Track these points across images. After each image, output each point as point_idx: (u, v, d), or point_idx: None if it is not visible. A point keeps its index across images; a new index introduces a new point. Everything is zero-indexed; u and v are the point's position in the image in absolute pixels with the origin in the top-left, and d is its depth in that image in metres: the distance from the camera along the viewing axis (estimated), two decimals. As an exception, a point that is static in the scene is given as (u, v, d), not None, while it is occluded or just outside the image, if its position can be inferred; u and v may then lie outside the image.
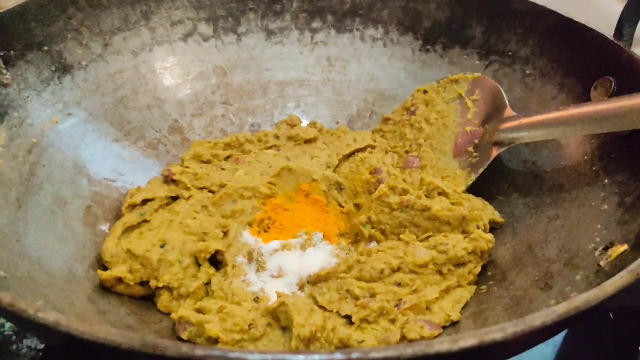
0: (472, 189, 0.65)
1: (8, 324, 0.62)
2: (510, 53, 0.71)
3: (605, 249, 0.49)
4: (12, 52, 0.61)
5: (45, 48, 0.64)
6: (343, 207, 0.66)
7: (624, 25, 0.62)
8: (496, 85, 0.68)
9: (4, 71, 0.60)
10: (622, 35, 0.62)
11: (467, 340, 0.29)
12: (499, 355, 0.36)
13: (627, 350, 0.61)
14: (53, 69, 0.65)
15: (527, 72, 0.69)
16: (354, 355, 0.29)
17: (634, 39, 0.63)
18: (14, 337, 0.61)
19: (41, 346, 0.60)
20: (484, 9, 0.73)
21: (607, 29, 0.63)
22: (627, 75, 0.59)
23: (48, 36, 0.65)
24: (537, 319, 0.31)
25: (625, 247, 0.46)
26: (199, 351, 0.28)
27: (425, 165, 0.68)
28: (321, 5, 0.79)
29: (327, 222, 0.64)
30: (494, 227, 0.62)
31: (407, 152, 0.71)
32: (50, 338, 0.35)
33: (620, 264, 0.45)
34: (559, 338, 0.62)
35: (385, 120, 0.75)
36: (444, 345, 0.29)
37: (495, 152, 0.63)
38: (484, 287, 0.56)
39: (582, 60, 0.64)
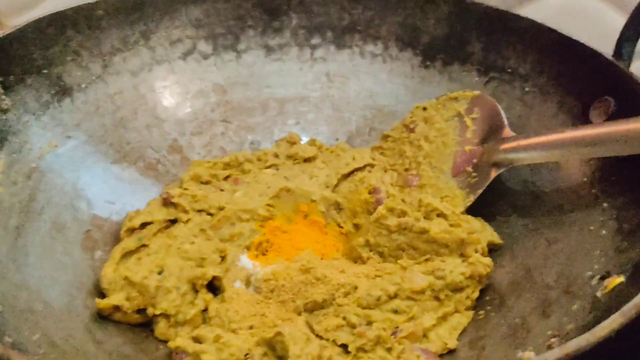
0: (471, 209, 0.64)
1: None
2: (509, 70, 0.71)
3: (602, 278, 0.48)
4: (11, 77, 0.61)
5: (45, 71, 0.65)
6: (342, 227, 0.66)
7: (623, 45, 0.62)
8: (495, 103, 0.67)
9: (4, 97, 0.60)
10: (622, 55, 0.62)
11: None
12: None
13: None
14: (53, 92, 0.65)
15: (527, 89, 0.69)
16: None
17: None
18: None
19: None
20: (483, 25, 0.73)
21: (610, 44, 0.62)
22: (626, 96, 0.59)
23: (47, 59, 0.65)
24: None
25: (621, 278, 0.46)
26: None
27: (425, 184, 0.68)
28: (320, 22, 0.79)
29: (326, 244, 0.64)
30: (492, 249, 0.61)
31: (406, 170, 0.70)
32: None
33: (616, 297, 0.44)
34: None
35: (385, 137, 0.75)
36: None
37: (494, 173, 0.63)
38: (481, 312, 0.56)
39: (581, 79, 0.64)
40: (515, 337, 0.49)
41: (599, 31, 0.70)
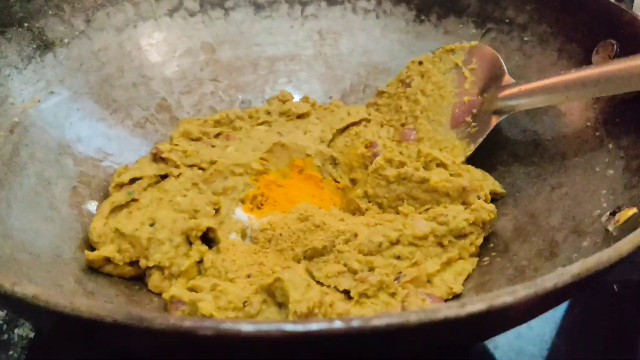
0: (471, 160, 0.63)
1: (-1, 313, 0.60)
2: (507, 20, 0.69)
3: (613, 213, 0.47)
4: (-10, 28, 0.59)
5: (26, 25, 0.62)
6: (338, 182, 0.64)
7: (625, -14, 0.60)
8: (494, 53, 0.66)
9: (-18, 48, 0.57)
10: (623, -3, 0.60)
11: (475, 304, 0.28)
12: (507, 323, 0.34)
13: (631, 324, 0.60)
14: (34, 46, 0.62)
15: (526, 39, 0.67)
16: (355, 323, 0.27)
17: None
18: (4, 327, 0.59)
19: (32, 334, 0.58)
20: (479, -24, 0.71)
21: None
22: (629, 37, 0.57)
23: (28, 12, 0.62)
24: (548, 280, 0.29)
25: (634, 210, 0.44)
26: (188, 323, 0.26)
27: (422, 138, 0.66)
28: (311, -23, 0.77)
29: (322, 198, 0.62)
30: (494, 198, 0.60)
31: (402, 125, 0.69)
32: (31, 315, 0.33)
33: (630, 227, 0.43)
34: (559, 313, 0.60)
35: (380, 93, 0.73)
36: (451, 310, 0.27)
37: (494, 121, 0.61)
38: (486, 259, 0.54)
39: (582, 24, 0.62)
40: (523, 278, 0.48)
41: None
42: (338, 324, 0.26)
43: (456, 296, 0.50)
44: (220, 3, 0.76)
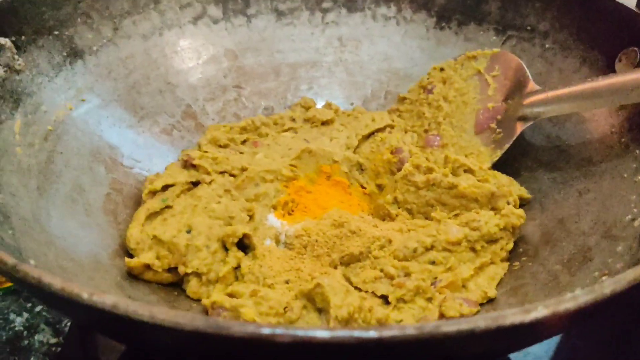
0: (495, 167, 0.64)
1: (19, 319, 0.61)
2: (528, 27, 0.70)
3: (647, 219, 0.48)
4: (23, 37, 0.59)
5: (56, 33, 0.62)
6: (365, 188, 0.65)
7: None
8: (518, 60, 0.67)
9: (17, 57, 0.58)
10: (646, 6, 0.61)
11: (539, 310, 0.29)
12: (562, 328, 0.35)
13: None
14: (64, 54, 0.63)
15: (547, 46, 0.68)
16: (426, 329, 0.28)
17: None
18: (25, 333, 0.60)
19: (53, 340, 0.59)
20: (500, -16, 0.72)
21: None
22: (653, 45, 0.58)
23: (58, 20, 0.63)
24: (607, 286, 0.30)
25: (669, 216, 0.46)
26: (265, 330, 0.27)
27: (447, 144, 0.67)
28: (331, -15, 0.78)
29: (351, 204, 0.63)
30: (521, 204, 0.61)
31: (426, 131, 0.70)
32: (102, 324, 0.34)
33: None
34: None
35: (402, 99, 0.74)
36: (517, 316, 0.28)
37: (520, 128, 0.62)
38: (516, 263, 0.55)
39: (604, 32, 0.63)
40: (558, 281, 0.49)
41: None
42: (410, 330, 0.27)
43: (490, 300, 0.51)
44: (243, 10, 0.77)
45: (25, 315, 0.61)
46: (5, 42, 0.57)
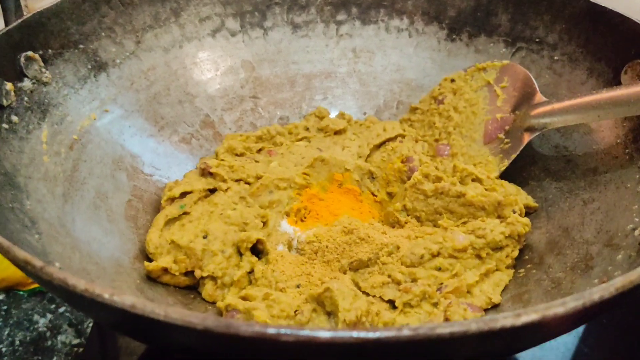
0: (504, 175, 0.66)
1: (42, 320, 0.64)
2: (537, 39, 0.72)
3: (646, 228, 0.49)
4: (50, 50, 0.62)
5: (81, 46, 0.66)
6: (376, 195, 0.67)
7: (653, 9, 0.62)
8: (526, 72, 0.68)
9: (44, 69, 0.61)
10: (652, 19, 0.62)
11: (529, 315, 0.30)
12: (553, 332, 0.36)
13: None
14: (89, 67, 0.66)
15: (555, 58, 0.70)
16: (421, 330, 0.30)
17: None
18: (48, 334, 0.62)
19: (76, 341, 0.62)
20: (510, -4, 0.74)
21: (636, 13, 0.63)
22: (658, 58, 0.60)
23: (83, 35, 0.66)
24: (595, 293, 0.32)
25: (666, 226, 0.47)
26: (271, 330, 0.29)
27: (456, 153, 0.69)
28: (346, -2, 0.80)
29: (362, 211, 0.65)
30: (528, 212, 0.62)
31: (436, 140, 0.71)
32: (122, 323, 0.36)
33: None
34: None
35: (413, 109, 0.76)
36: (508, 320, 0.30)
37: (527, 138, 0.64)
38: (521, 270, 0.57)
39: (611, 44, 0.65)
40: (560, 289, 0.50)
41: (625, 2, 0.71)
42: (406, 332, 0.29)
43: (495, 306, 0.53)
44: (260, 23, 0.80)
45: (49, 316, 0.64)
46: (33, 55, 0.60)
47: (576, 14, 0.68)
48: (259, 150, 0.71)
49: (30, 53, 0.60)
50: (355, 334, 0.30)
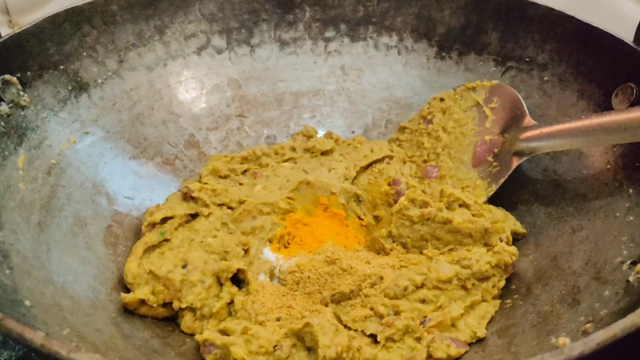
0: (493, 198, 0.64)
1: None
2: (527, 59, 0.70)
3: (634, 263, 0.48)
4: (28, 72, 0.61)
5: (62, 67, 0.64)
6: (362, 219, 0.66)
7: (644, 31, 0.61)
8: (515, 93, 0.67)
9: (22, 92, 0.60)
10: (643, 42, 0.61)
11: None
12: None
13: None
14: (70, 88, 0.65)
15: (546, 78, 0.69)
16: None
17: None
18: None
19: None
20: (500, 15, 0.72)
21: (628, 33, 0.62)
22: (649, 82, 0.58)
23: (64, 55, 0.65)
24: (575, 349, 0.30)
25: (654, 262, 0.46)
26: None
27: (444, 175, 0.68)
28: (334, 14, 0.79)
29: (347, 236, 0.64)
30: (516, 238, 0.61)
31: (425, 161, 0.70)
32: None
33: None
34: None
35: (402, 129, 0.74)
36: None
37: (516, 162, 0.62)
38: (508, 301, 0.55)
39: (602, 66, 0.63)
40: (546, 324, 0.49)
41: (616, 20, 0.70)
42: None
43: (479, 340, 0.52)
44: (247, 40, 0.78)
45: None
46: (11, 79, 0.59)
47: (567, 33, 0.67)
48: (244, 172, 0.70)
49: (7, 76, 0.59)
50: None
